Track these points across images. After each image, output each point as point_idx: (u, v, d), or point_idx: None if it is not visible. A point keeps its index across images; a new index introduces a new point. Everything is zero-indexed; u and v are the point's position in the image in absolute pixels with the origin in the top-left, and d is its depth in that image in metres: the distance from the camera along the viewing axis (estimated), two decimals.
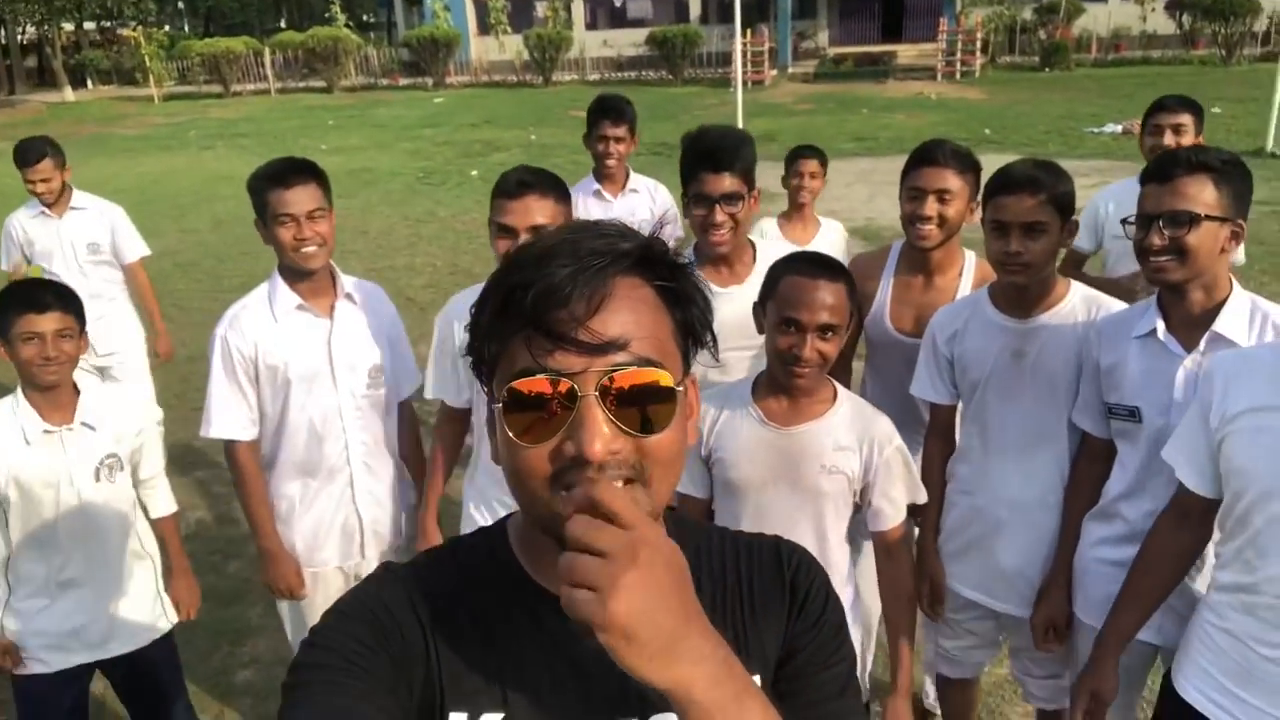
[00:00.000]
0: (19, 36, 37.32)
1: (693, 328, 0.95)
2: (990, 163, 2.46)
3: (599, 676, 0.94)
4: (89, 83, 35.28)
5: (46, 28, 33.00)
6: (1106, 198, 3.88)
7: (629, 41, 29.48)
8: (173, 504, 2.90)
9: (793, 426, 2.18)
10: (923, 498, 2.31)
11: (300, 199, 2.59)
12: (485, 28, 31.56)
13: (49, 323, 2.42)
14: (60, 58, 33.54)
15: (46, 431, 2.48)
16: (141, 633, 2.72)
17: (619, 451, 0.86)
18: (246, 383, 2.69)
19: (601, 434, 0.84)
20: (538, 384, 0.86)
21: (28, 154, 4.88)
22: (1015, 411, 2.43)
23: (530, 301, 0.85)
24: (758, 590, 1.05)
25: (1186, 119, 3.57)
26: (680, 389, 0.91)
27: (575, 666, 0.95)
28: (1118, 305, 2.38)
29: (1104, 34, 26.24)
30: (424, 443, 3.07)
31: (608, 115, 4.13)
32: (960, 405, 2.59)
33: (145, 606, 2.73)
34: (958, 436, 2.64)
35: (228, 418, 2.70)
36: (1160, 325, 2.13)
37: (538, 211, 2.37)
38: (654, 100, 23.52)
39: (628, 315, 0.87)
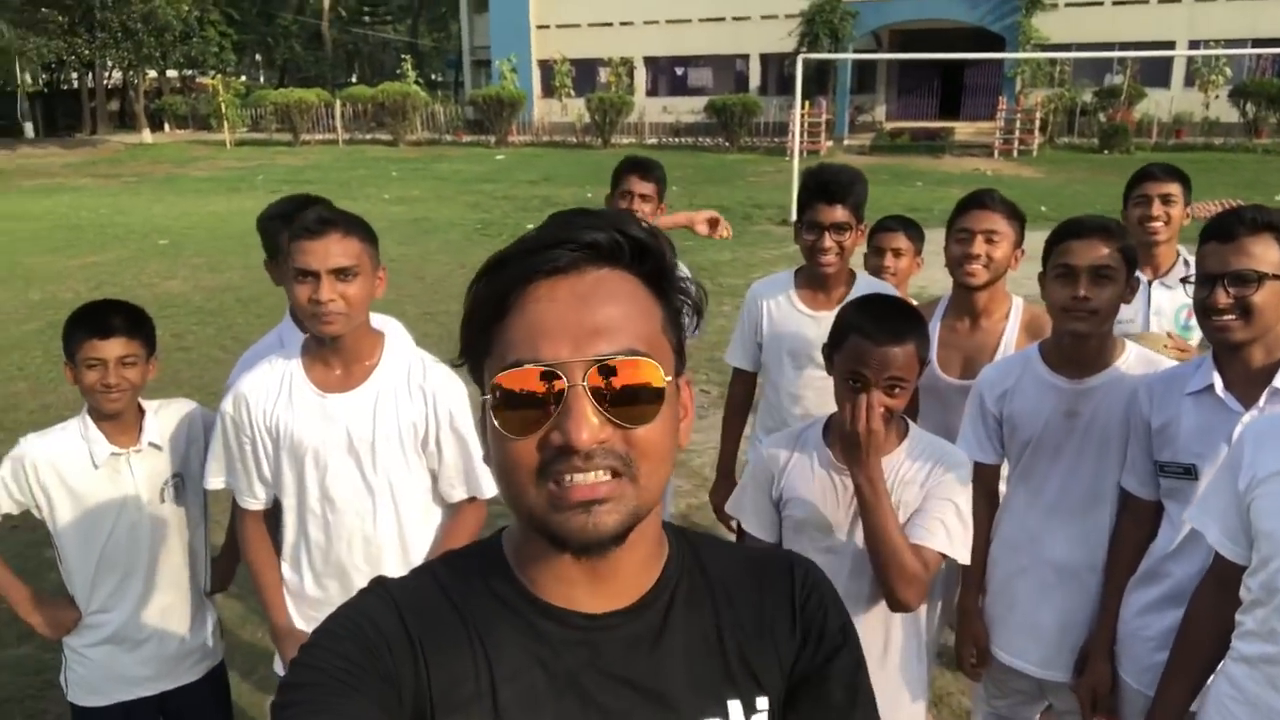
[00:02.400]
0: (104, 81, 39.05)
1: (681, 321, 0.94)
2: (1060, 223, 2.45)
3: (595, 685, 0.93)
4: (166, 126, 36.75)
5: (132, 74, 34.52)
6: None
7: (688, 109, 30.09)
8: None
9: None
10: (961, 556, 2.12)
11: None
12: (549, 90, 32.44)
13: (113, 349, 2.34)
14: (142, 102, 35.01)
15: (114, 454, 2.42)
16: (205, 659, 2.68)
17: (606, 440, 0.84)
18: None
19: (589, 423, 0.83)
20: (523, 374, 0.85)
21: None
22: (1066, 472, 2.39)
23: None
24: (767, 612, 1.02)
25: (1175, 188, 3.32)
26: (670, 381, 0.89)
27: (570, 676, 0.93)
28: (1171, 364, 2.34)
29: (1165, 119, 26.18)
30: None
31: (635, 170, 3.67)
32: (1006, 463, 2.55)
33: (205, 631, 2.67)
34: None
35: None
36: (1218, 381, 2.08)
37: (340, 252, 2.10)
38: (710, 165, 23.87)
39: (614, 306, 0.87)
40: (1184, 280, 2.25)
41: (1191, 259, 2.42)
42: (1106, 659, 2.33)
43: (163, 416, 2.54)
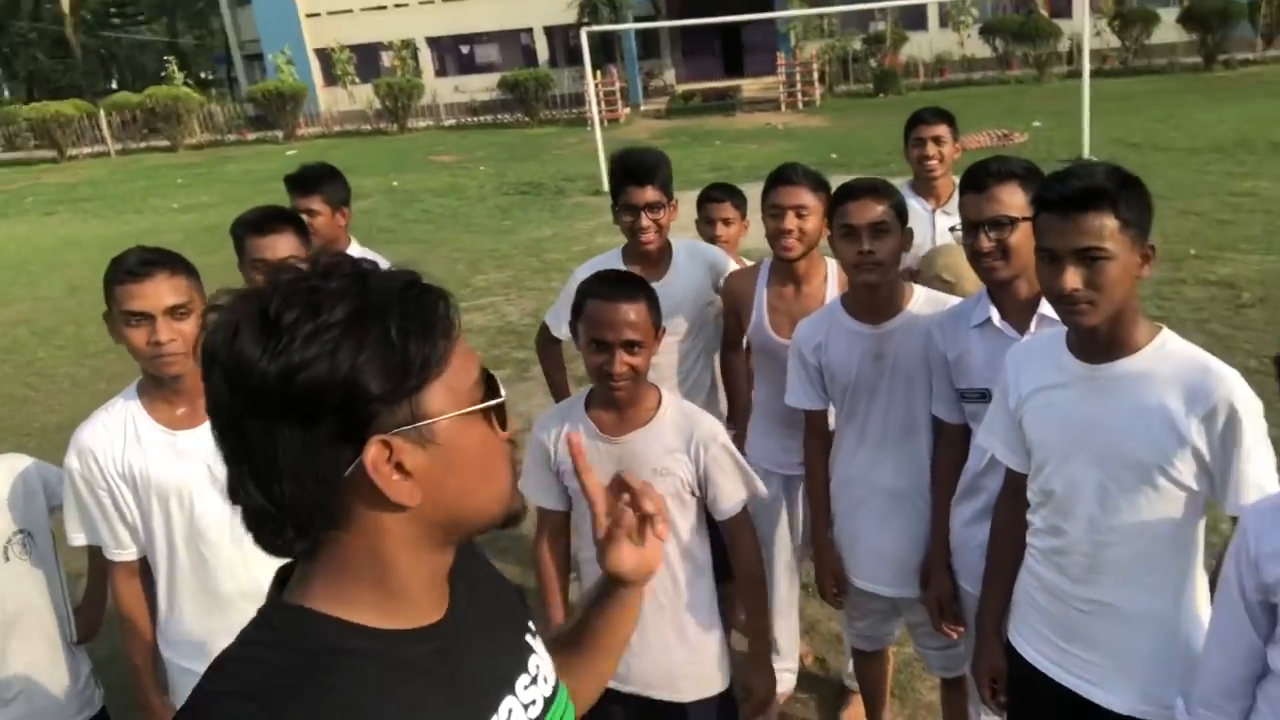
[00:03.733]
0: None
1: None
2: (839, 184, 2.68)
3: (462, 680, 0.99)
4: None
5: None
6: None
7: (481, 86, 29.65)
8: None
9: (622, 435, 2.32)
10: (760, 491, 2.43)
11: (277, 246, 2.75)
12: (332, 79, 31.22)
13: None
14: None
15: None
16: (83, 709, 2.57)
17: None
18: None
19: None
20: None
21: None
22: (883, 409, 2.65)
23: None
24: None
25: (943, 129, 3.75)
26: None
27: (447, 682, 0.97)
28: (954, 302, 2.63)
29: (928, 60, 28.04)
30: None
31: (295, 188, 3.55)
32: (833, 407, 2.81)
33: (79, 680, 2.57)
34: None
35: None
36: (995, 314, 2.39)
37: (170, 291, 2.12)
38: (513, 142, 23.76)
39: None
40: (951, 229, 2.58)
41: None
42: (945, 571, 2.60)
43: None
